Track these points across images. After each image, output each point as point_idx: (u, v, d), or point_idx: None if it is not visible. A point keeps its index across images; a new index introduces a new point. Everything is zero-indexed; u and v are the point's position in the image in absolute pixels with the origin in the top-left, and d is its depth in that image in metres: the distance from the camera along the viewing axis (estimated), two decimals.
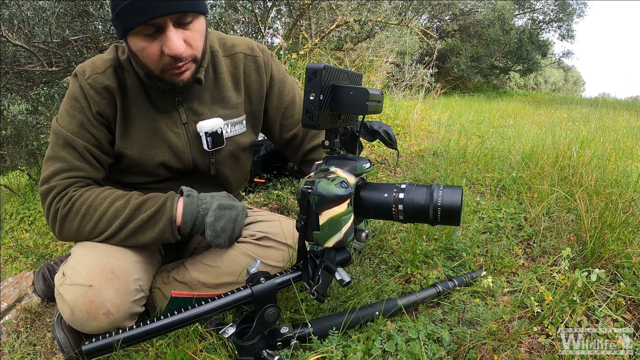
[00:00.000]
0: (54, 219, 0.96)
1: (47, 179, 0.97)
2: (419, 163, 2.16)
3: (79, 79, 0.98)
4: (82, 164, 0.98)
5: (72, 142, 0.97)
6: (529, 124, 3.51)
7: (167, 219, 0.93)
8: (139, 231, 0.94)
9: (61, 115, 1.00)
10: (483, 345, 0.91)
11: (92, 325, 0.87)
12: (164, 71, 0.92)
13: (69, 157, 0.97)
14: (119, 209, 0.93)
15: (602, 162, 1.69)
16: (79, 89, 0.98)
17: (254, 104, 1.14)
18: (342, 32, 3.41)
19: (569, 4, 10.14)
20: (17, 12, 1.83)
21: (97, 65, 0.99)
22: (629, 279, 1.06)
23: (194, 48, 0.92)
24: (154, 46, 0.88)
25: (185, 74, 0.94)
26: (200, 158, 1.07)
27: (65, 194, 0.95)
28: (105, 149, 1.01)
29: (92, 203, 0.94)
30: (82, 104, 0.97)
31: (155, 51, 0.88)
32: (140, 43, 0.88)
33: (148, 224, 0.93)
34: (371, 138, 1.03)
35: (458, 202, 0.78)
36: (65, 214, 0.94)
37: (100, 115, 0.98)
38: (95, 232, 0.94)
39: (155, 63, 0.90)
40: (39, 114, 2.36)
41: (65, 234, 0.96)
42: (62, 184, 0.95)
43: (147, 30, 0.86)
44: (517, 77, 13.14)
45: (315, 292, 0.83)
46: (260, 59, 1.12)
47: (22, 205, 2.39)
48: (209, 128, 1.03)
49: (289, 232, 1.08)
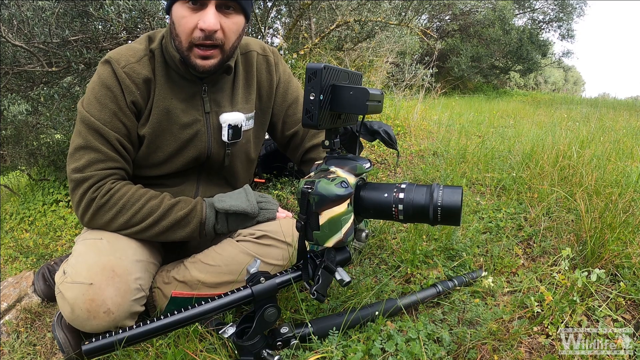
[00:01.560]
0: (88, 207, 0.97)
1: (81, 168, 0.97)
2: (419, 163, 2.16)
3: (113, 66, 0.98)
4: (116, 155, 1.00)
5: (105, 133, 0.97)
6: (529, 124, 3.51)
7: (198, 220, 1.01)
8: (171, 229, 1.00)
9: (90, 103, 0.99)
10: (483, 345, 0.91)
11: (92, 323, 0.88)
12: (191, 48, 0.95)
13: (103, 147, 0.98)
14: (153, 207, 0.98)
15: (602, 162, 1.69)
16: (112, 76, 0.98)
17: (263, 101, 1.18)
18: (342, 32, 3.41)
19: (569, 4, 10.13)
20: (16, 12, 1.83)
21: (131, 54, 1.01)
22: (629, 279, 1.06)
23: (226, 36, 0.96)
24: (192, 18, 0.93)
25: (209, 60, 0.97)
26: (216, 148, 1.10)
27: (103, 185, 0.97)
28: (133, 140, 1.03)
29: (129, 198, 0.97)
30: (116, 92, 0.98)
31: (191, 23, 0.93)
32: (183, 11, 0.93)
33: (180, 224, 1.00)
34: (371, 138, 1.03)
35: (458, 202, 0.78)
36: (102, 204, 0.96)
37: (134, 104, 1.00)
38: (129, 224, 0.98)
39: (187, 35, 0.94)
40: (39, 114, 2.36)
41: (96, 223, 0.99)
42: (99, 174, 0.97)
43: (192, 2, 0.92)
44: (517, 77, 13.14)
45: (315, 292, 0.83)
46: (271, 58, 1.18)
47: (22, 205, 2.39)
48: (232, 121, 1.07)
49: (289, 231, 1.09)
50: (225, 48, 0.98)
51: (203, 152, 1.08)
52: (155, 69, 1.02)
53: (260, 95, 1.17)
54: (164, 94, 1.02)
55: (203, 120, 1.07)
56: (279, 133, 1.26)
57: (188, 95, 1.05)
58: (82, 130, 0.99)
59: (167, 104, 1.03)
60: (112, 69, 0.98)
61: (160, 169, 1.08)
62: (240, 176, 1.22)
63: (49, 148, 2.50)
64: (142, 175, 1.09)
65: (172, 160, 1.07)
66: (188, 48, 0.96)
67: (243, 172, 1.22)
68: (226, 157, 1.12)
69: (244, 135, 1.13)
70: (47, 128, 2.46)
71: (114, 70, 0.98)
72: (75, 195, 0.98)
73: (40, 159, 2.56)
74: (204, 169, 1.14)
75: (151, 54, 1.03)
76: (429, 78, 3.95)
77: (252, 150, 1.20)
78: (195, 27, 0.93)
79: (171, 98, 1.03)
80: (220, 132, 1.08)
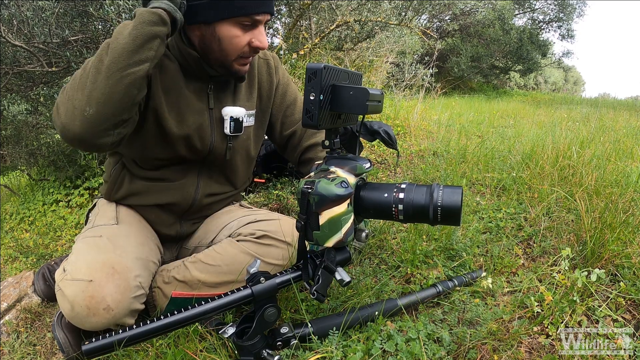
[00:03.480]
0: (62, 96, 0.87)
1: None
2: (419, 163, 2.16)
3: None
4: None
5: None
6: (529, 124, 3.51)
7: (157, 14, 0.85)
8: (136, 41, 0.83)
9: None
10: (483, 345, 0.91)
11: (92, 320, 0.88)
12: (237, 59, 1.01)
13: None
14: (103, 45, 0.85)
15: (602, 162, 1.69)
16: None
17: (263, 101, 1.22)
18: (342, 32, 3.41)
19: (568, 4, 10.13)
20: (16, 12, 1.83)
21: None
22: (629, 279, 1.06)
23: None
24: (245, 37, 0.99)
25: (247, 65, 1.05)
26: (218, 141, 1.12)
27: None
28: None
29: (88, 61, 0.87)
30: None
31: (244, 41, 0.99)
32: (235, 31, 0.97)
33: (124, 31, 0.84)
34: (371, 138, 1.03)
35: (458, 202, 0.78)
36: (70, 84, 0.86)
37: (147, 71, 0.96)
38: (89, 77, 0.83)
39: (238, 51, 1.00)
40: (39, 114, 2.36)
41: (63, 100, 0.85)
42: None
43: (247, 21, 0.97)
44: (517, 77, 13.14)
45: (315, 292, 0.83)
46: (271, 62, 1.23)
47: (22, 205, 2.39)
48: (234, 114, 1.11)
49: (289, 231, 1.09)
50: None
51: (206, 145, 1.10)
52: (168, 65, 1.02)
53: (260, 95, 1.21)
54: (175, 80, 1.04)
55: (207, 114, 1.10)
56: (278, 133, 1.28)
57: (196, 88, 1.08)
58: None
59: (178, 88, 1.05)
60: None
61: (166, 150, 1.07)
62: (240, 173, 1.23)
63: (49, 148, 2.50)
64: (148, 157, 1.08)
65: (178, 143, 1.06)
66: (234, 60, 1.01)
67: (243, 169, 1.23)
68: (228, 151, 1.14)
69: (245, 130, 1.16)
70: (47, 128, 2.46)
71: None
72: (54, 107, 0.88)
73: (40, 159, 2.56)
74: (205, 165, 1.14)
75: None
76: (429, 78, 3.95)
77: (252, 148, 1.22)
78: (246, 44, 0.99)
79: (182, 87, 1.06)
80: (222, 126, 1.11)
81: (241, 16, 0.95)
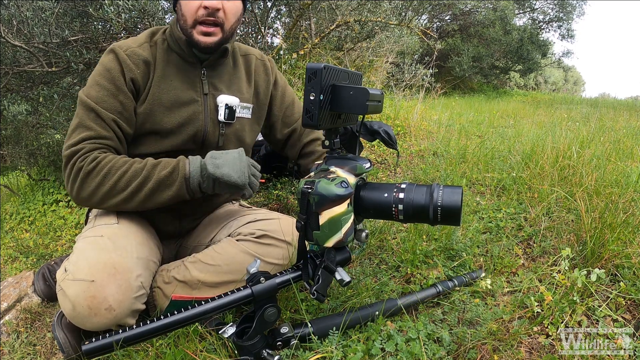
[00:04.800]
0: (76, 176, 1.00)
1: (73, 144, 1.01)
2: (419, 163, 2.16)
3: (116, 51, 1.06)
4: (109, 134, 1.03)
5: (100, 113, 1.02)
6: (528, 124, 3.51)
7: (182, 176, 1.00)
8: (157, 190, 1.00)
9: (90, 86, 1.05)
10: (483, 345, 0.91)
11: (93, 321, 0.88)
12: (194, 25, 1.04)
13: (96, 126, 1.02)
14: (137, 170, 1.00)
15: (602, 162, 1.69)
16: (113, 60, 1.05)
17: (260, 98, 1.25)
18: (342, 32, 3.41)
19: (568, 4, 10.13)
20: (16, 12, 1.83)
21: (132, 41, 1.10)
22: (629, 279, 1.06)
23: (226, 16, 1.06)
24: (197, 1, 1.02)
25: (211, 37, 1.05)
26: (211, 127, 1.14)
27: (90, 154, 1.00)
28: (128, 117, 1.06)
29: (114, 164, 0.99)
30: (115, 72, 1.04)
31: (196, 4, 1.03)
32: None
33: (165, 183, 1.00)
34: (371, 138, 1.03)
35: (458, 202, 0.78)
36: (89, 171, 0.99)
37: (133, 82, 1.05)
38: (115, 190, 0.99)
39: (192, 13, 1.03)
40: (39, 114, 2.36)
41: (84, 192, 1.00)
42: (88, 147, 1.01)
43: None
44: (517, 77, 13.14)
45: (315, 292, 0.83)
46: (267, 63, 1.29)
47: (22, 205, 2.39)
48: (228, 101, 1.15)
49: (289, 230, 1.09)
50: (225, 28, 1.06)
51: (200, 131, 1.12)
52: (157, 54, 1.10)
53: (257, 92, 1.25)
54: (164, 75, 1.09)
55: (201, 100, 1.12)
56: (278, 132, 1.32)
57: (188, 77, 1.11)
58: (79, 111, 1.04)
59: (168, 84, 1.09)
60: (114, 54, 1.05)
61: (159, 145, 1.10)
62: None
63: (49, 148, 2.50)
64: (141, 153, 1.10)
65: (171, 136, 1.10)
66: (192, 25, 1.04)
67: None
68: (220, 137, 1.16)
69: (239, 120, 1.19)
70: (47, 128, 2.46)
71: (116, 54, 1.05)
72: (66, 169, 1.02)
73: (40, 159, 2.56)
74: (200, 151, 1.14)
75: (153, 43, 1.11)
76: (429, 78, 3.95)
77: (247, 137, 1.23)
78: (199, 6, 1.02)
79: (172, 80, 1.09)
80: (216, 113, 1.14)
81: None
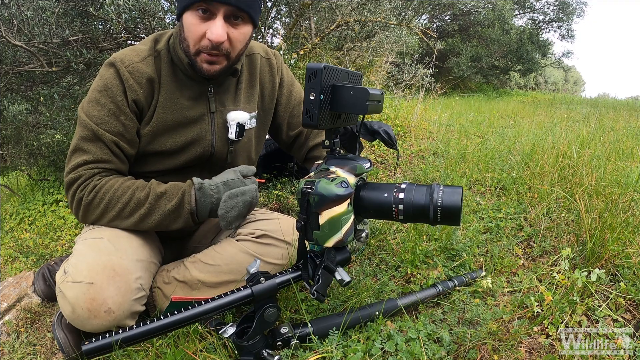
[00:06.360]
0: (78, 206, 0.99)
1: (72, 169, 1.00)
2: (419, 163, 2.16)
3: (117, 66, 0.99)
4: (109, 157, 1.01)
5: (100, 135, 0.98)
6: (528, 124, 3.51)
7: (188, 211, 0.99)
8: (163, 222, 0.99)
9: (90, 104, 1.00)
10: (483, 345, 0.91)
11: (93, 323, 0.88)
12: (198, 53, 0.97)
13: (95, 149, 0.99)
14: (140, 200, 0.98)
15: (602, 162, 1.69)
16: (115, 76, 0.99)
17: (265, 101, 1.20)
18: (342, 32, 3.41)
19: (569, 4, 10.13)
20: (16, 12, 1.83)
21: (135, 54, 1.02)
22: (629, 279, 1.05)
23: (232, 46, 0.98)
24: (201, 27, 0.94)
25: (214, 65, 0.99)
26: (220, 145, 1.11)
27: (89, 183, 0.98)
28: (130, 139, 1.03)
29: (115, 192, 0.97)
30: (116, 92, 0.99)
31: (200, 31, 0.95)
32: (193, 19, 0.94)
33: (171, 217, 0.99)
34: (371, 138, 1.03)
35: (458, 202, 0.78)
36: (89, 201, 0.98)
37: (136, 103, 1.01)
38: (120, 217, 0.99)
39: (195, 41, 0.96)
40: (39, 114, 2.36)
41: (89, 219, 1.01)
42: (87, 173, 0.99)
43: (202, 6, 0.92)
44: (517, 77, 13.13)
45: (315, 292, 0.83)
46: (273, 61, 1.21)
47: (22, 205, 2.38)
48: (239, 119, 1.10)
49: (289, 230, 1.09)
50: (231, 56, 1.00)
51: (207, 150, 1.10)
52: (162, 68, 1.03)
53: (262, 96, 1.20)
54: (170, 92, 1.04)
55: (208, 119, 1.08)
56: (284, 134, 1.28)
57: (195, 94, 1.06)
58: (78, 130, 1.01)
59: (174, 102, 1.04)
60: (115, 70, 0.99)
61: (164, 164, 1.08)
62: None
63: (49, 148, 2.50)
64: (145, 171, 1.09)
65: (176, 156, 1.08)
66: (195, 53, 0.97)
67: None
68: (229, 154, 1.14)
69: (246, 133, 1.15)
70: (47, 128, 2.46)
71: (117, 70, 0.99)
72: (68, 195, 1.02)
73: (40, 159, 2.56)
74: (206, 167, 1.14)
75: (157, 54, 1.04)
76: (429, 78, 3.95)
77: (254, 150, 1.22)
78: (203, 35, 0.94)
79: (178, 97, 1.04)
80: (224, 130, 1.10)
81: (195, 2, 0.92)
